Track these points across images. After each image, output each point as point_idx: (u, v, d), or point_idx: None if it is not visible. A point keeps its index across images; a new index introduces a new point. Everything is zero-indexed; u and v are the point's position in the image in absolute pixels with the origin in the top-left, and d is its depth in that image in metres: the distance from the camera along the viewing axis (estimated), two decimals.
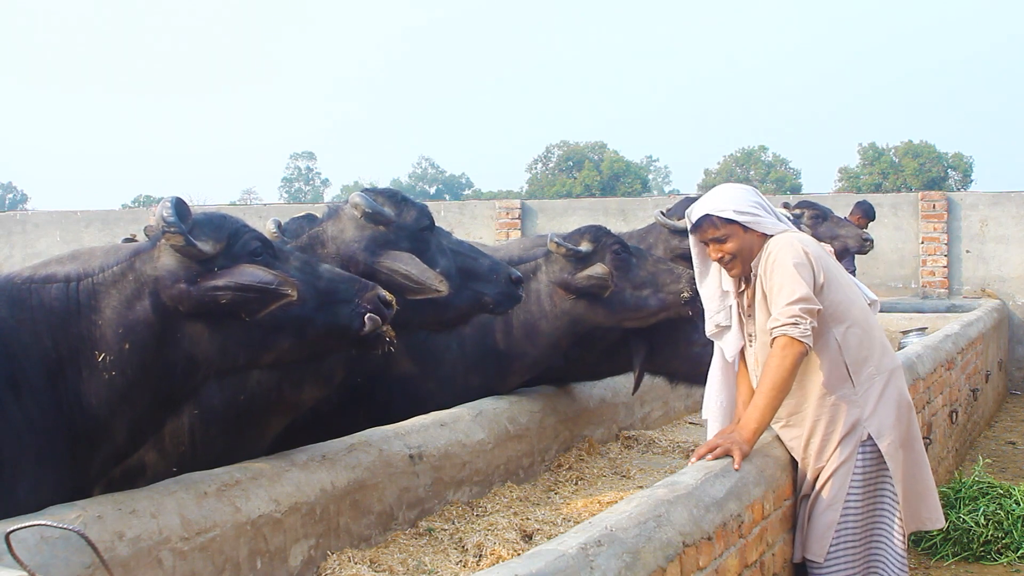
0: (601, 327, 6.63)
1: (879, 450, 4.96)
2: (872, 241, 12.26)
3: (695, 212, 4.98)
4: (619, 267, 6.44)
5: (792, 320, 4.71)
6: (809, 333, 4.74)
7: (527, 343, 6.49)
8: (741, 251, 4.94)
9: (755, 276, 4.97)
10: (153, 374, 4.00)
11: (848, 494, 4.91)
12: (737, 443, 4.66)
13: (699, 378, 6.42)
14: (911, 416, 5.12)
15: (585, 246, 6.46)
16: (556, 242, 6.44)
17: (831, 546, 4.90)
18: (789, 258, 4.82)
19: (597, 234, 6.58)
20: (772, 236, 4.94)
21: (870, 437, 4.94)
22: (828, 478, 4.94)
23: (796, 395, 4.99)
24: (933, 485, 5.22)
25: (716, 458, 4.63)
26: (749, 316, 5.10)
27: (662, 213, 8.77)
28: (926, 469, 5.17)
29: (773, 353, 4.75)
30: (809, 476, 5.02)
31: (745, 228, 4.91)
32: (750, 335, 5.14)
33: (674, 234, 8.57)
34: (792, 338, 4.70)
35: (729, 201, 4.95)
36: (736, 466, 4.56)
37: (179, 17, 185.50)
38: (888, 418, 4.98)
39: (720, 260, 4.98)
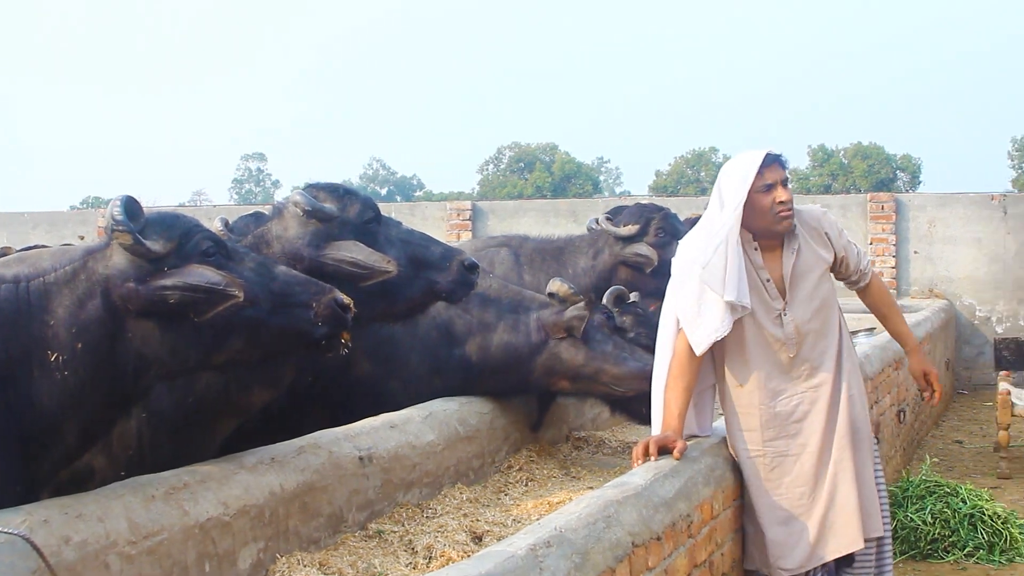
0: None
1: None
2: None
3: (761, 153, 4.74)
4: None
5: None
6: None
7: None
8: None
9: (796, 239, 4.93)
10: (105, 374, 3.99)
11: (875, 461, 5.07)
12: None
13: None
14: None
15: None
16: None
17: (884, 516, 5.03)
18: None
19: None
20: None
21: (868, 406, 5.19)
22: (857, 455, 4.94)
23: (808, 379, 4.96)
24: None
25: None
26: (780, 292, 4.92)
27: (608, 218, 8.79)
28: None
29: (883, 288, 5.54)
30: (832, 467, 4.86)
31: None
32: (778, 311, 4.92)
33: (617, 240, 8.65)
34: None
35: None
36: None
37: (126, 13, 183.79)
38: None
39: (783, 204, 4.74)
